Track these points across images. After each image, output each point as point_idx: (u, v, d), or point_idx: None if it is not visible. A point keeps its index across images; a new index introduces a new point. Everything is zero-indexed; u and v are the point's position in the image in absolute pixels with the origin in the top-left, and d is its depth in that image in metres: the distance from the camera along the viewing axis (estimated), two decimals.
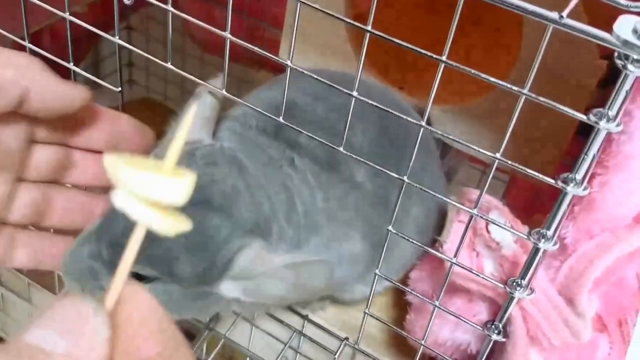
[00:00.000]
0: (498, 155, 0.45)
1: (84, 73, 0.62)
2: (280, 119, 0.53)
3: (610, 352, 0.58)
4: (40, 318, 0.35)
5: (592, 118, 0.42)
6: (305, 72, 0.50)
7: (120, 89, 0.60)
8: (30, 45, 0.61)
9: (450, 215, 0.62)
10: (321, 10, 0.47)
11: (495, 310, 0.56)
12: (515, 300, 0.52)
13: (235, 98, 0.55)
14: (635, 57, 0.39)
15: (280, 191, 0.56)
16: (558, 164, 0.71)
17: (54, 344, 0.33)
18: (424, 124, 0.47)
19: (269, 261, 0.52)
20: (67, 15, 0.58)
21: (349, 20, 0.48)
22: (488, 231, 0.56)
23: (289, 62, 0.50)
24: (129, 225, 0.35)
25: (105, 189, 0.60)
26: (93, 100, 0.54)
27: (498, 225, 0.51)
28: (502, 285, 0.52)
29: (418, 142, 0.49)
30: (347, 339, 0.67)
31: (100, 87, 0.61)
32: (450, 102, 0.75)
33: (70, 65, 0.61)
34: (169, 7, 0.53)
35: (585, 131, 0.43)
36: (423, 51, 0.44)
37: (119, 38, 0.58)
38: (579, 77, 0.66)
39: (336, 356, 0.67)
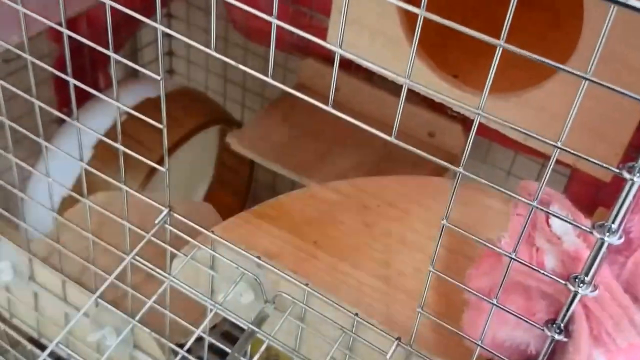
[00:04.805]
0: (559, 143, 0.43)
1: (124, 60, 0.60)
2: (329, 107, 0.51)
3: None
4: None
5: None
6: (354, 58, 0.48)
7: (162, 76, 0.58)
8: (68, 32, 0.59)
9: (508, 208, 0.60)
10: None
11: (557, 309, 0.54)
12: (577, 298, 0.50)
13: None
14: None
15: None
16: (622, 155, 0.68)
17: None
18: (481, 112, 0.45)
19: None
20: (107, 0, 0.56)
21: (400, 4, 0.45)
22: (549, 225, 0.54)
23: (338, 48, 0.48)
24: None
25: None
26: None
27: (559, 218, 0.49)
28: (563, 282, 0.50)
29: (474, 131, 0.46)
30: (399, 339, 0.65)
31: (139, 76, 0.59)
32: (505, 90, 0.73)
33: (111, 53, 0.58)
34: None
35: None
36: (479, 34, 0.42)
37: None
38: None
39: (388, 357, 0.64)
